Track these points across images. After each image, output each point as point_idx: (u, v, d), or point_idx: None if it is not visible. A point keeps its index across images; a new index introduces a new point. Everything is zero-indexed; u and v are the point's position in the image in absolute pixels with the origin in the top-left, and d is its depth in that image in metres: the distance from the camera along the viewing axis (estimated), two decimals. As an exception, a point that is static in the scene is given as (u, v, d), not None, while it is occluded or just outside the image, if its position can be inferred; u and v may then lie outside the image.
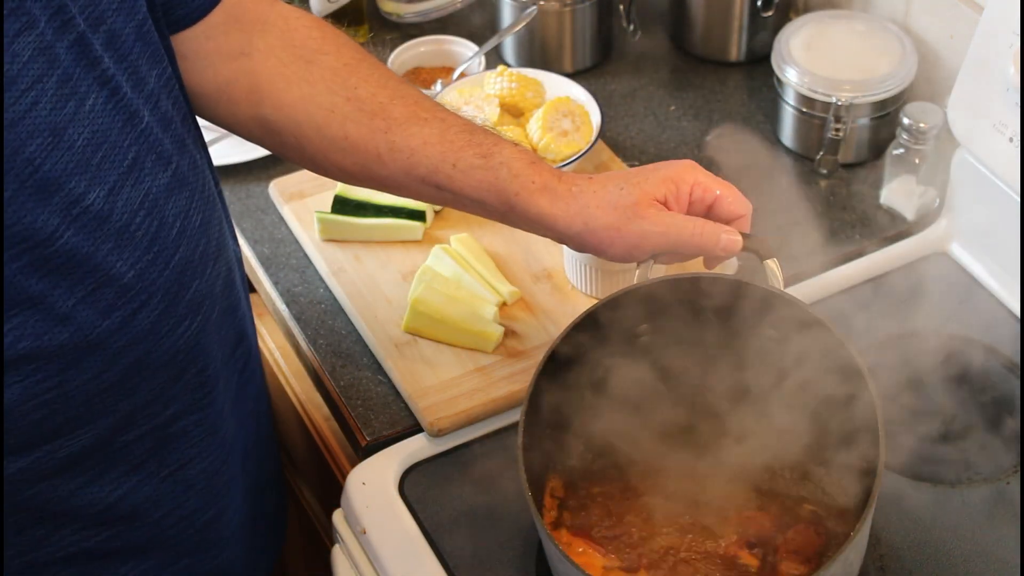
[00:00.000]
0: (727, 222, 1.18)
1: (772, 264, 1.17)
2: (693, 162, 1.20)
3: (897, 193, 1.54)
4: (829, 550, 1.12)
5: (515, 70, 1.61)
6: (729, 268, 1.48)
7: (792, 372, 1.16)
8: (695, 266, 1.45)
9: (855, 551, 1.07)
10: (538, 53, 1.75)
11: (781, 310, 1.15)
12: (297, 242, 1.54)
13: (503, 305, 1.42)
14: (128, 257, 1.03)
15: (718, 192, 1.17)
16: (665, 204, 1.16)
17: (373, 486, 1.28)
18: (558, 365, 1.15)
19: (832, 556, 1.03)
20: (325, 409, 1.48)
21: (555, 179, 1.17)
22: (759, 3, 1.70)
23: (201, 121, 1.68)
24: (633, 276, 1.40)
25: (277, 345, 1.60)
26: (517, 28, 1.72)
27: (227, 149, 1.65)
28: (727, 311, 1.17)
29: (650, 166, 1.20)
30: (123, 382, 1.08)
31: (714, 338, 1.18)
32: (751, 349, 1.18)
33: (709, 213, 1.19)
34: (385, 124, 1.19)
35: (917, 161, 1.51)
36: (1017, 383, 1.35)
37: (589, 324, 1.16)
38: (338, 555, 1.31)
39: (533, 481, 1.10)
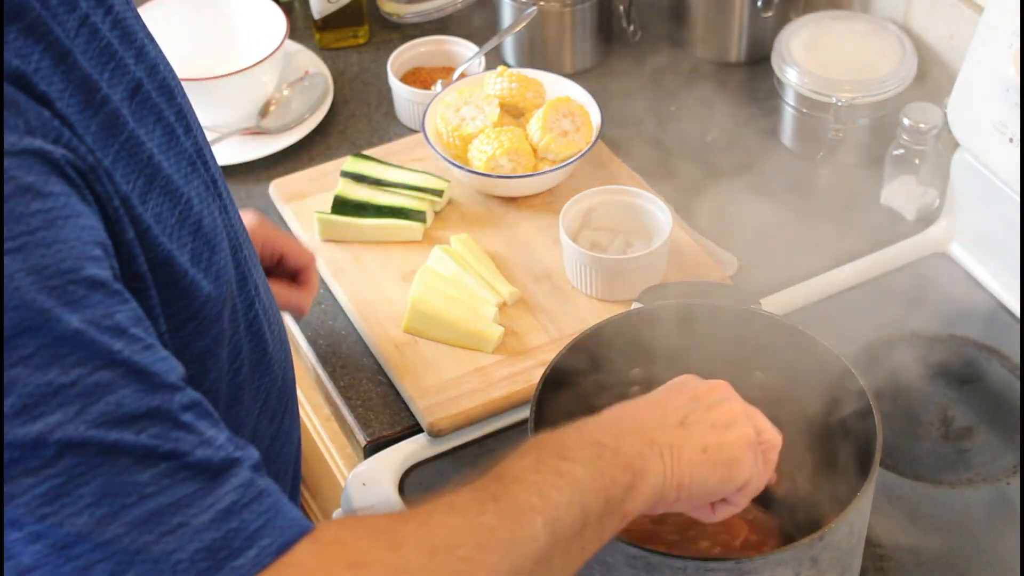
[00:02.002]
0: (296, 272, 1.28)
1: None
2: (260, 216, 1.27)
3: (897, 193, 1.54)
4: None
5: (515, 70, 1.61)
6: (729, 267, 1.48)
7: (782, 378, 1.18)
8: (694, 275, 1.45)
9: (858, 519, 1.07)
10: (538, 53, 1.75)
11: (763, 326, 1.18)
12: (297, 242, 1.54)
13: (503, 305, 1.42)
14: (278, 358, 1.01)
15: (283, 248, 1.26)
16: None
17: (373, 486, 1.28)
18: (555, 385, 1.16)
19: (842, 513, 1.03)
20: (325, 409, 1.48)
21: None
22: (759, 3, 1.70)
23: (201, 119, 1.69)
24: (631, 277, 1.41)
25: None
26: (517, 28, 1.72)
27: (227, 149, 1.65)
28: (709, 333, 1.19)
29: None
30: None
31: (704, 359, 1.20)
32: (739, 364, 1.19)
33: (278, 266, 1.28)
34: None
35: (917, 161, 1.51)
36: (1017, 383, 1.35)
37: (582, 348, 1.17)
38: (338, 555, 1.31)
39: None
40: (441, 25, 1.82)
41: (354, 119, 1.72)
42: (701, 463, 0.95)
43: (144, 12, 1.70)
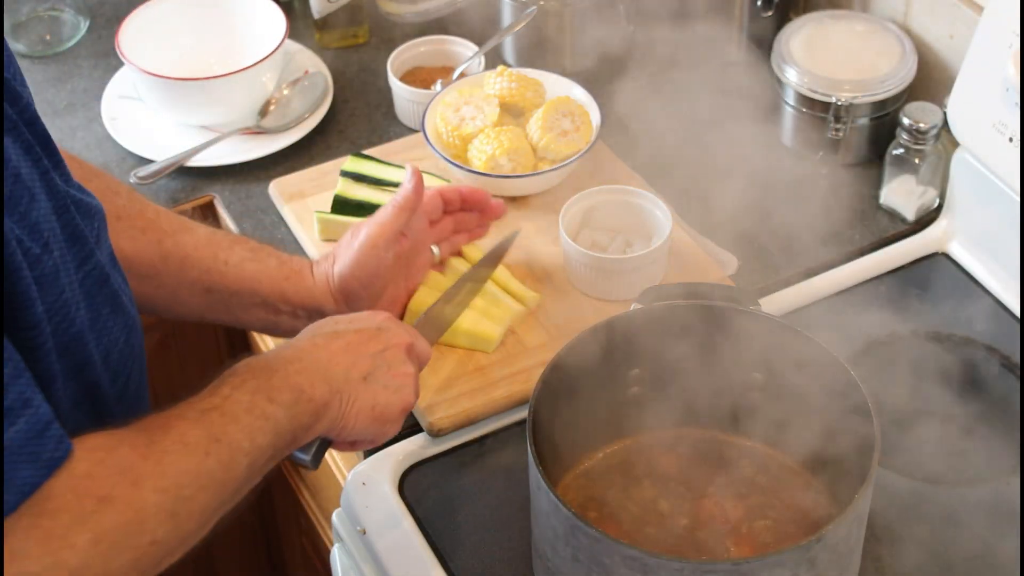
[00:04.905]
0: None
1: None
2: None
3: (897, 193, 1.54)
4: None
5: (515, 70, 1.61)
6: (729, 267, 1.48)
7: (780, 379, 1.18)
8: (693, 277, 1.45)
9: (856, 521, 1.07)
10: (538, 53, 1.75)
11: (762, 326, 1.18)
12: (297, 242, 1.54)
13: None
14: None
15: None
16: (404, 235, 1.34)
17: (373, 486, 1.28)
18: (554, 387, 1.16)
19: (837, 518, 1.03)
20: (325, 409, 1.48)
21: (308, 273, 1.31)
22: (759, 3, 1.70)
23: (201, 119, 1.69)
24: (631, 277, 1.41)
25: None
26: (517, 28, 1.72)
27: (227, 149, 1.65)
28: (709, 333, 1.19)
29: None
30: None
31: (703, 359, 1.20)
32: (738, 365, 1.20)
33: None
34: (157, 236, 1.25)
35: (917, 161, 1.51)
36: (1017, 383, 1.35)
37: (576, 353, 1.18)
38: (338, 555, 1.31)
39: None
40: (441, 25, 1.82)
41: (354, 119, 1.72)
42: (366, 417, 1.12)
43: (144, 12, 1.71)
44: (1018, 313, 1.41)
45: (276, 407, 1.03)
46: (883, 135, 1.57)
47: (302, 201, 1.56)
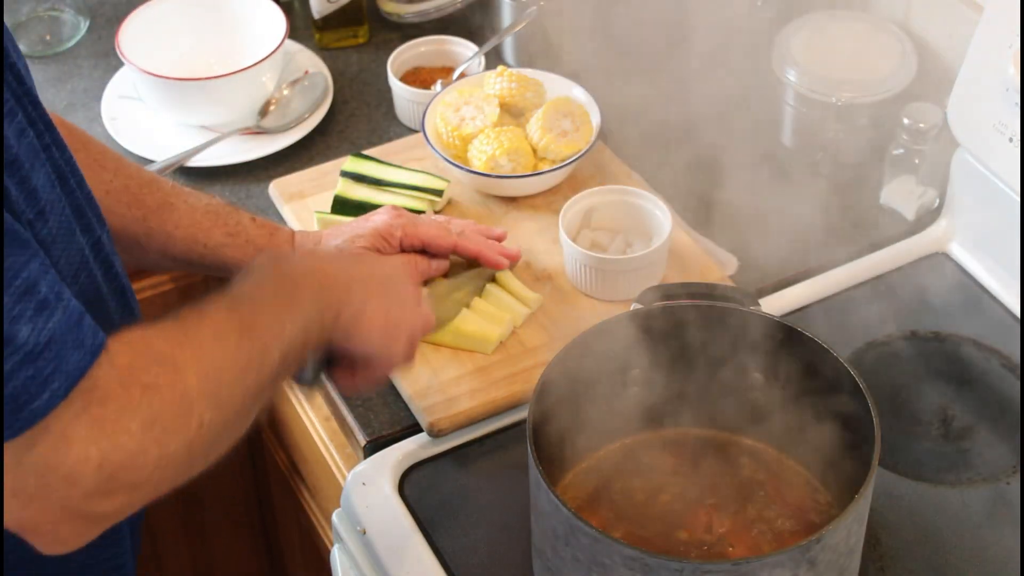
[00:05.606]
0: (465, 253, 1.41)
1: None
2: (396, 210, 1.39)
3: (897, 193, 1.54)
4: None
5: (515, 70, 1.61)
6: (729, 267, 1.48)
7: (780, 379, 1.19)
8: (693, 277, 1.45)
9: (856, 521, 1.07)
10: (538, 53, 1.75)
11: (762, 326, 1.19)
12: (297, 242, 1.54)
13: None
14: None
15: (423, 238, 1.38)
16: (379, 251, 1.36)
17: (373, 486, 1.28)
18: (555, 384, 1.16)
19: (838, 517, 1.03)
20: (325, 409, 1.48)
21: (289, 248, 1.36)
22: (759, 3, 1.70)
23: (201, 119, 1.69)
24: (631, 277, 1.41)
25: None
26: (517, 28, 1.72)
27: (227, 149, 1.65)
28: (709, 333, 1.20)
29: (360, 219, 1.40)
30: None
31: (703, 359, 1.20)
32: (738, 365, 1.20)
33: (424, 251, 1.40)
34: (142, 213, 1.29)
35: (917, 161, 1.51)
36: (1017, 383, 1.35)
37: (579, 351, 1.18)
38: (338, 555, 1.31)
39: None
40: (441, 25, 1.82)
41: (354, 119, 1.72)
42: (379, 324, 1.12)
43: (144, 12, 1.71)
44: (1018, 313, 1.41)
45: (304, 291, 1.05)
46: (883, 135, 1.57)
47: (302, 201, 1.56)
